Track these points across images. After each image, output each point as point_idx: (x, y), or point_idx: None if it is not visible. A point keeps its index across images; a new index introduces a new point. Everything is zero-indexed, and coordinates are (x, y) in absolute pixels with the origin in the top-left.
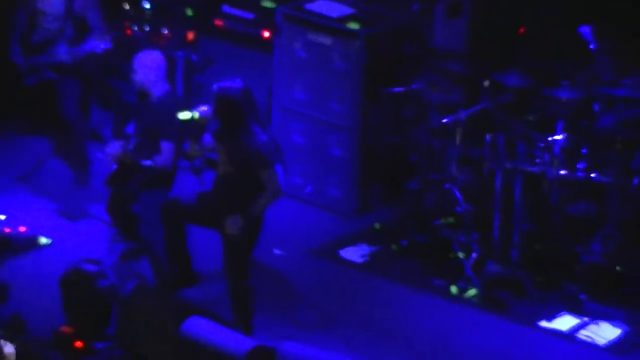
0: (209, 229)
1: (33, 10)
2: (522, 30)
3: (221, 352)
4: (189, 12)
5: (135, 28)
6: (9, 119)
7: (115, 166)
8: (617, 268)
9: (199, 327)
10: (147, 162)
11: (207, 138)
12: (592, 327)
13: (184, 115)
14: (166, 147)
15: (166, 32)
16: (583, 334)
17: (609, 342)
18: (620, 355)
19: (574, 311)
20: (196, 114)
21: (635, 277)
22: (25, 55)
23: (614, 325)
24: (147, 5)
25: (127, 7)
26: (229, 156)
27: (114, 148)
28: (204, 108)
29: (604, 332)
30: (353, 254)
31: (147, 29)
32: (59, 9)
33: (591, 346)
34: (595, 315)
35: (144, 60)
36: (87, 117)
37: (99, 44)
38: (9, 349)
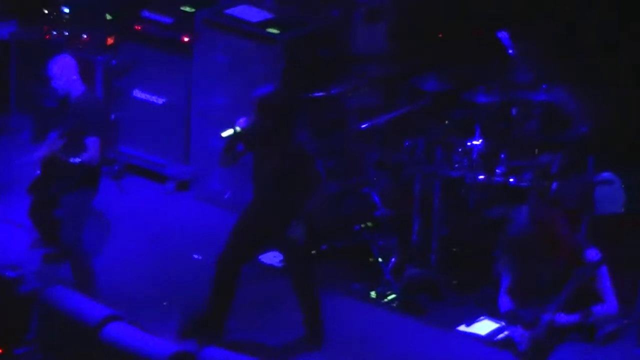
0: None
1: None
2: (440, 34)
3: (142, 357)
4: (109, 16)
5: (55, 32)
6: None
7: (38, 172)
8: None
9: (119, 332)
10: (76, 160)
11: (240, 146)
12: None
13: (227, 132)
14: (92, 142)
15: (85, 36)
16: (501, 338)
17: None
18: None
19: (493, 315)
20: (237, 128)
21: None
22: None
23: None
24: (66, 10)
25: (46, 11)
26: (280, 156)
27: (42, 151)
28: (242, 120)
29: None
30: (273, 258)
31: (66, 33)
32: None
33: (509, 349)
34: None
35: (58, 65)
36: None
37: None
38: None
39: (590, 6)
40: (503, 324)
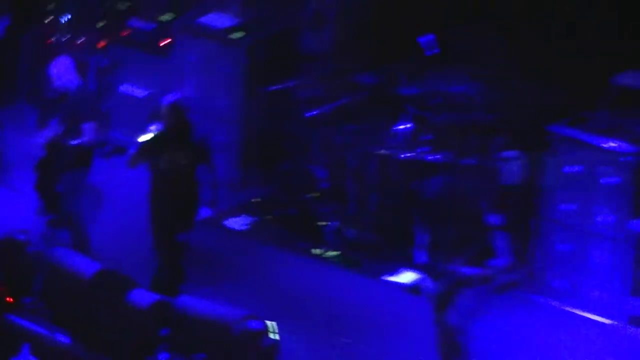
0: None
1: None
2: (377, 38)
3: (127, 305)
4: (100, 24)
5: (55, 38)
6: None
7: (43, 153)
8: None
9: (108, 283)
10: (76, 141)
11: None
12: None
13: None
14: (88, 127)
15: (81, 40)
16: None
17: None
18: None
19: (412, 267)
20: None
21: None
22: None
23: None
24: (65, 18)
25: (49, 19)
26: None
27: (47, 135)
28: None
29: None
30: (236, 223)
31: (65, 37)
32: None
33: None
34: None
35: (59, 65)
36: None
37: None
38: None
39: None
40: (420, 274)
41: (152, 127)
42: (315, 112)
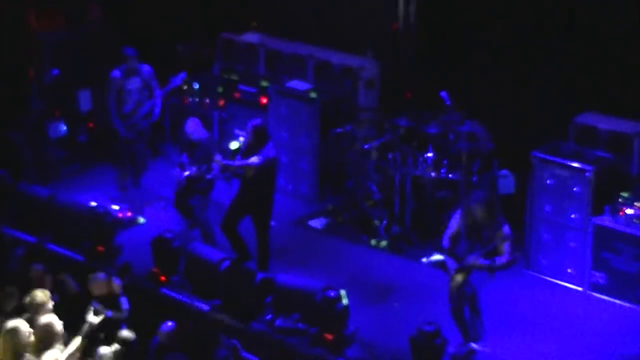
0: None
1: (119, 91)
2: (409, 95)
3: (243, 282)
4: (220, 89)
5: (190, 99)
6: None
7: (184, 182)
8: None
9: (231, 267)
10: (210, 175)
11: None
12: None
13: (233, 145)
14: (215, 165)
15: (207, 101)
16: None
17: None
18: None
19: (440, 252)
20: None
21: None
22: (121, 120)
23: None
24: (197, 86)
25: (184, 87)
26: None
27: (189, 171)
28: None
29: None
30: (316, 223)
31: (197, 99)
32: (138, 86)
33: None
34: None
35: (191, 124)
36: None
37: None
38: (117, 282)
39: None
40: (445, 257)
41: (241, 139)
42: (368, 146)
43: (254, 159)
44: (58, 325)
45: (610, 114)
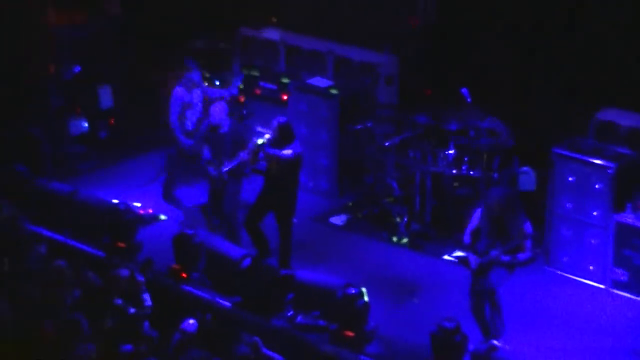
0: None
1: (182, 105)
2: (428, 92)
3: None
4: (241, 86)
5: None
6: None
7: (223, 172)
8: None
9: (252, 265)
10: (233, 163)
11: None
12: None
13: (260, 140)
14: (242, 155)
15: (237, 96)
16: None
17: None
18: None
19: (462, 249)
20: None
21: None
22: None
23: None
24: (217, 82)
25: (206, 84)
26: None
27: (229, 164)
28: (268, 135)
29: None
30: (337, 220)
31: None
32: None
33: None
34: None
35: (217, 108)
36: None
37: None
38: (140, 278)
39: None
40: (466, 253)
41: (267, 135)
42: (388, 143)
43: (287, 151)
44: None
45: (631, 110)
